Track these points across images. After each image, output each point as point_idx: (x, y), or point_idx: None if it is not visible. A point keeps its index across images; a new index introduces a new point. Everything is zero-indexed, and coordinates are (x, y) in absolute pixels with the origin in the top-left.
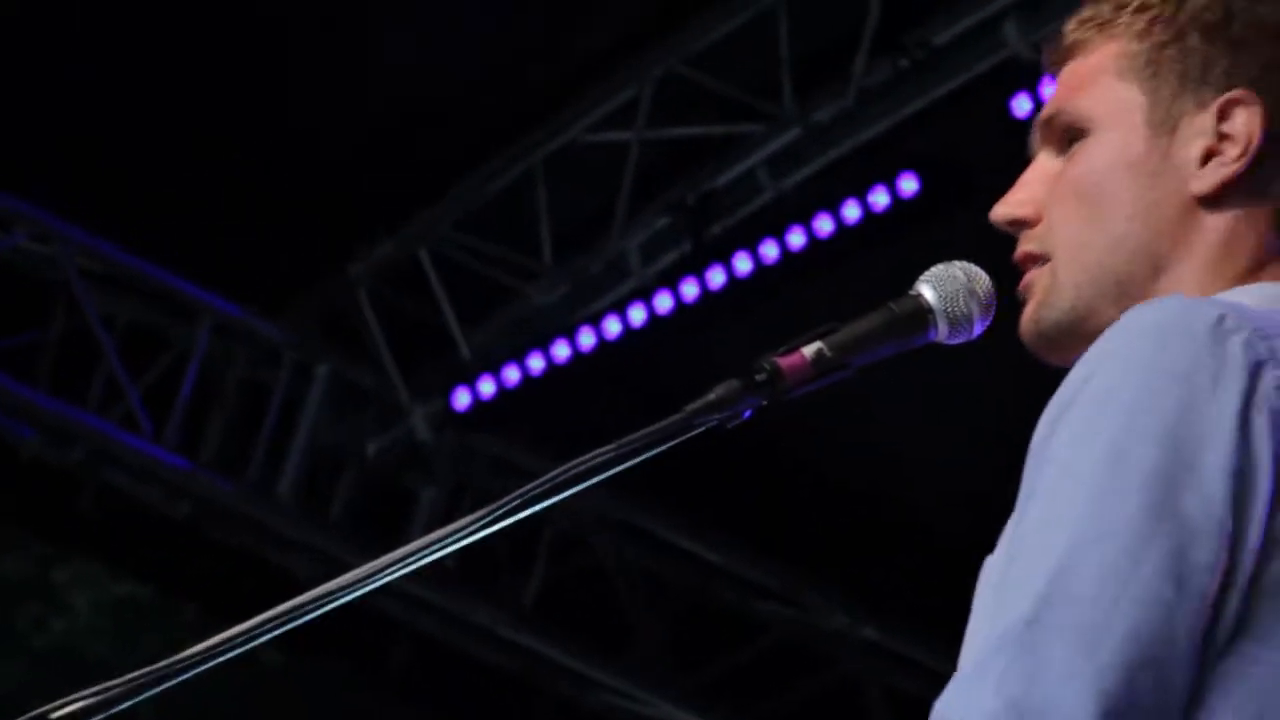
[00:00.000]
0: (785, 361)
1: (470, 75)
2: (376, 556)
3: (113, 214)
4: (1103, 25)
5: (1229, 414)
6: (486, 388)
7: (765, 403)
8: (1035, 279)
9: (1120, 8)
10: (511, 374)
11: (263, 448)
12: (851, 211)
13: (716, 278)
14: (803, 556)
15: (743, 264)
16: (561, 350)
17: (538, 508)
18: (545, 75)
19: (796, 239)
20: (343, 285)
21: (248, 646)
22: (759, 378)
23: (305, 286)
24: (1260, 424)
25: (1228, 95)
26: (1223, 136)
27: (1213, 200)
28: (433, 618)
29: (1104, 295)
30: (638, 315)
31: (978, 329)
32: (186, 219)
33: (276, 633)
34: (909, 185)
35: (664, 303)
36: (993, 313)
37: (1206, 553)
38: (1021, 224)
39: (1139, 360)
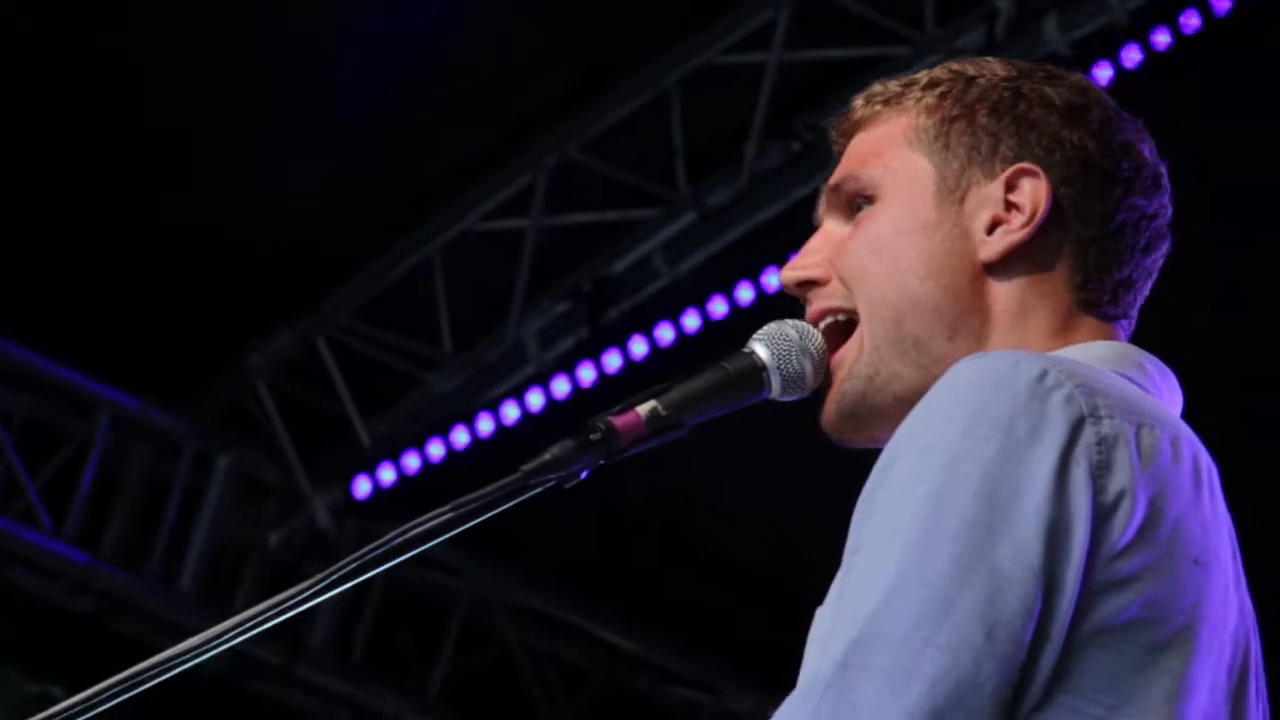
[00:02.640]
0: (620, 420)
1: (368, 164)
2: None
3: (7, 309)
4: (890, 100)
5: (1047, 466)
6: (387, 475)
7: (602, 461)
8: (843, 355)
9: (909, 85)
10: (412, 461)
11: (164, 539)
12: (745, 294)
13: (613, 361)
14: (713, 640)
15: (638, 347)
16: (461, 437)
17: (377, 570)
18: (441, 164)
19: (691, 322)
20: (242, 376)
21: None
22: (594, 437)
23: (205, 378)
24: (1078, 477)
25: (1015, 166)
26: (1010, 206)
27: (1000, 267)
28: (344, 710)
29: (902, 356)
30: (535, 400)
31: (810, 386)
32: (83, 312)
33: (120, 699)
34: None
35: (561, 387)
36: (825, 370)
37: (1019, 600)
38: (812, 284)
39: (961, 412)
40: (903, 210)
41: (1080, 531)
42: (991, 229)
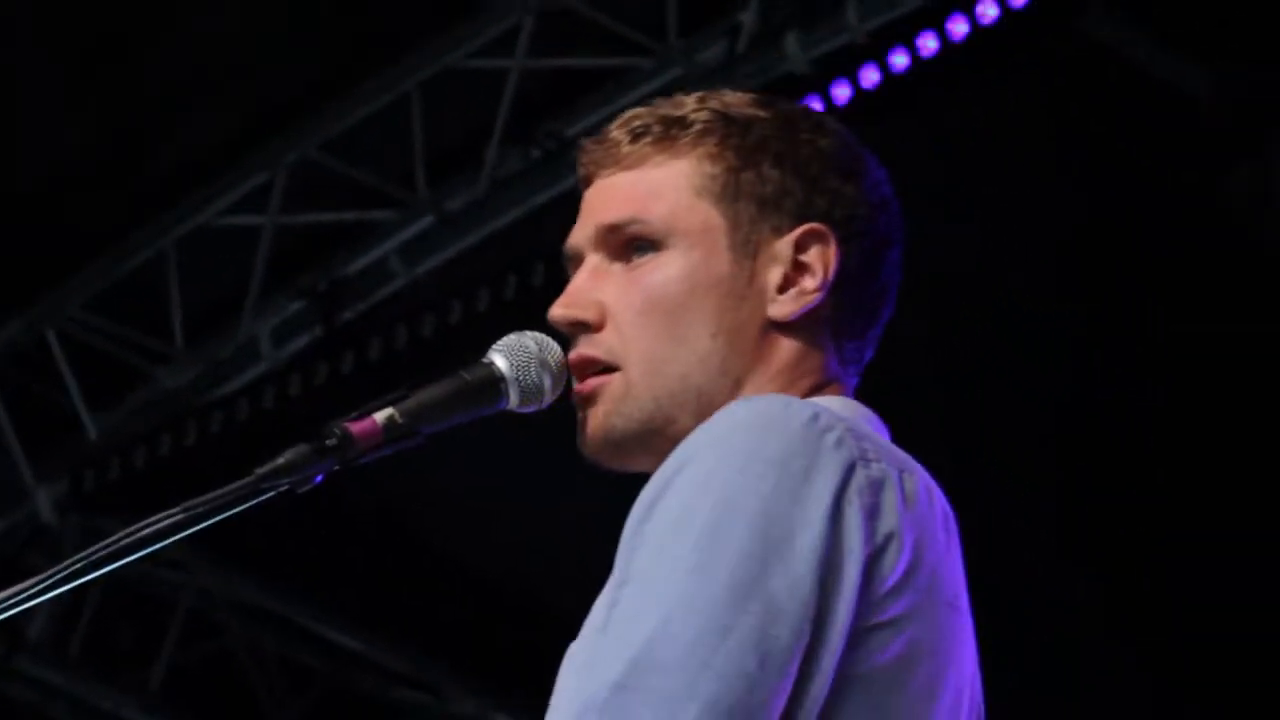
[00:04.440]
0: (356, 427)
1: (103, 154)
2: None
3: None
4: (659, 142)
5: (822, 503)
6: (114, 470)
7: (336, 467)
8: (602, 387)
9: (678, 126)
10: (140, 456)
11: None
12: (482, 299)
13: (347, 362)
14: (437, 642)
15: (373, 349)
16: (191, 432)
17: (104, 570)
18: (178, 157)
19: (427, 325)
20: None
21: None
22: (329, 442)
23: None
24: (851, 517)
25: (805, 227)
26: (800, 266)
27: (788, 325)
28: (60, 703)
29: (683, 407)
30: (268, 398)
31: (548, 399)
32: None
33: None
34: (538, 274)
35: (294, 386)
36: (564, 383)
37: (791, 632)
38: (584, 326)
39: (736, 449)
40: (695, 264)
41: (853, 570)
42: (784, 287)
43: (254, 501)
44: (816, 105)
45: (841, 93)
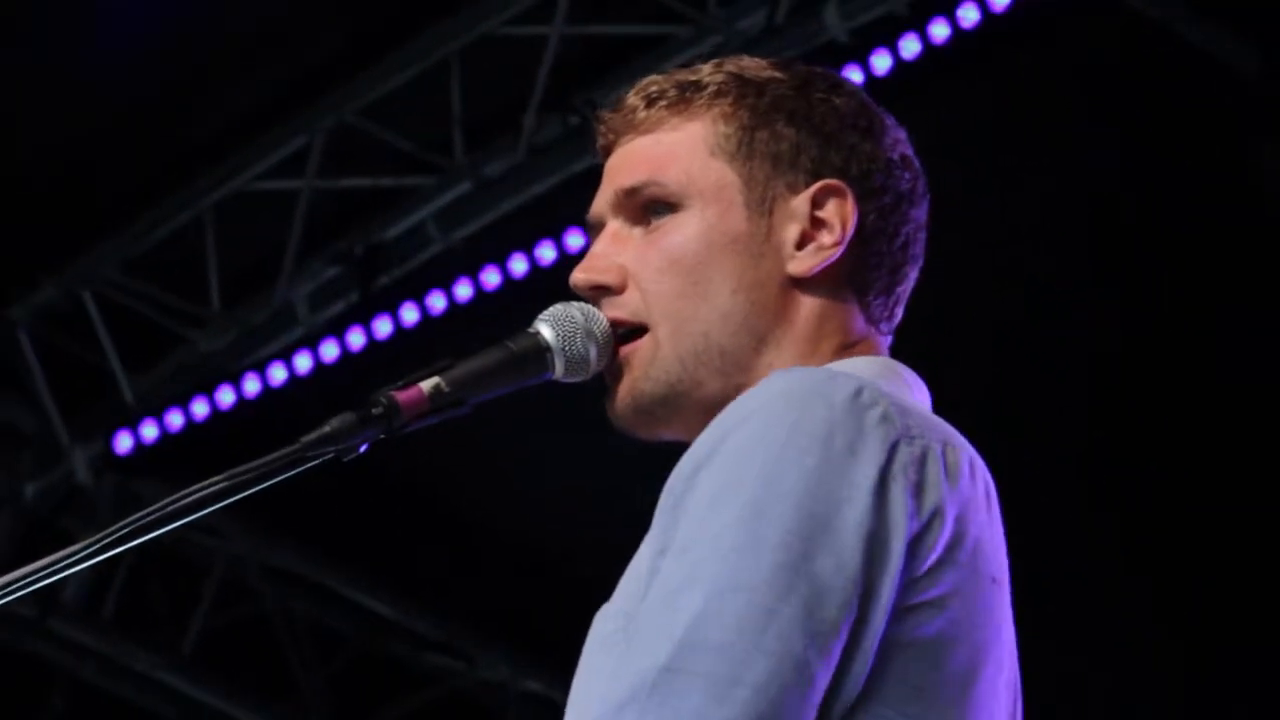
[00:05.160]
0: (402, 396)
1: (142, 118)
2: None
3: None
4: (673, 105)
5: (867, 480)
6: (149, 432)
7: (382, 436)
8: (634, 353)
9: (693, 89)
10: (175, 419)
11: None
12: (519, 265)
13: (383, 327)
14: (469, 609)
15: (410, 314)
16: (226, 396)
17: (149, 536)
18: (217, 121)
19: (464, 291)
20: (4, 326)
21: None
22: (375, 411)
23: None
24: (897, 493)
25: (822, 183)
26: (817, 222)
27: (808, 281)
28: (91, 663)
29: (708, 367)
30: (304, 363)
31: (594, 369)
32: None
33: None
34: (575, 241)
35: (330, 351)
36: (609, 353)
37: (838, 610)
38: (605, 290)
39: (779, 423)
40: (711, 222)
41: (898, 546)
42: (801, 244)
43: (299, 469)
44: (856, 75)
45: (881, 63)
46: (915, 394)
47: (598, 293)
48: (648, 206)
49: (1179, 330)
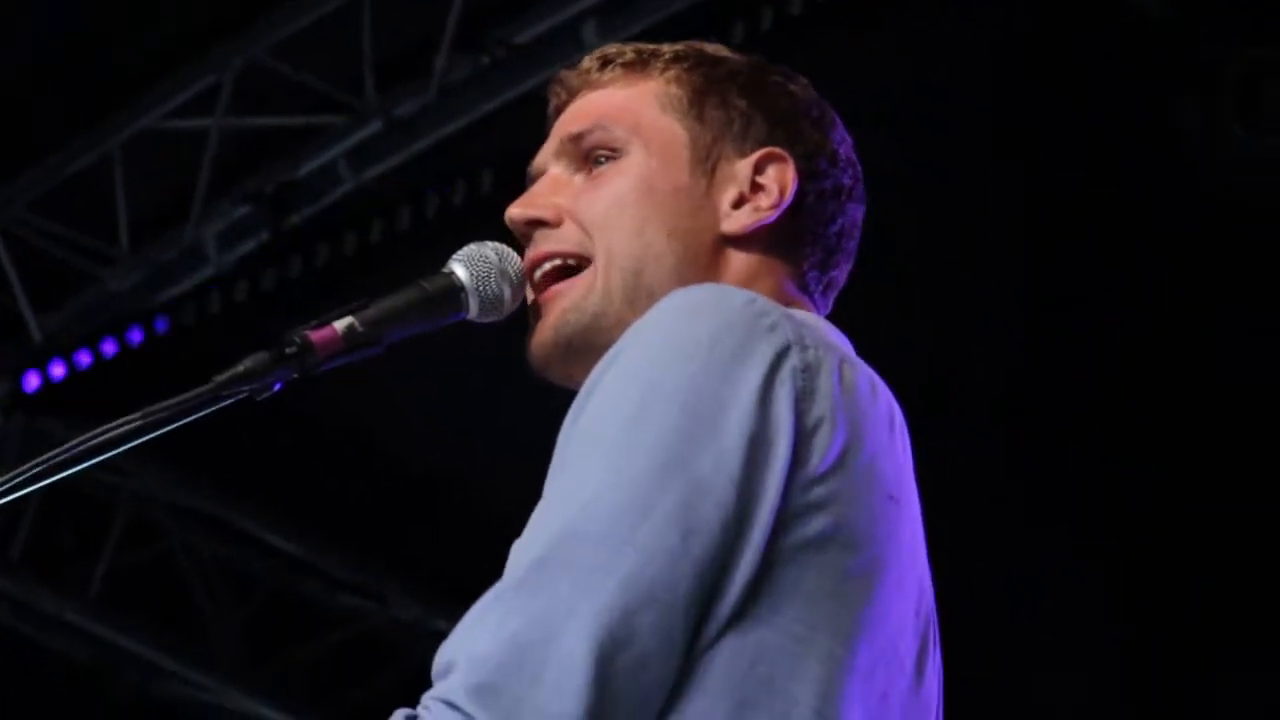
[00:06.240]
0: (316, 335)
1: (51, 56)
2: None
3: None
4: (630, 65)
5: (752, 383)
6: (58, 371)
7: (296, 375)
8: (569, 287)
9: (652, 55)
10: (84, 357)
11: None
12: (430, 205)
13: (294, 267)
14: (379, 548)
15: (320, 253)
16: (135, 335)
17: (63, 475)
18: (125, 59)
19: (376, 230)
20: None
21: None
22: (289, 350)
23: None
24: (782, 397)
25: (766, 150)
26: (756, 187)
27: (739, 241)
28: (0, 606)
29: (634, 307)
30: (214, 302)
31: (507, 309)
32: None
33: None
34: (487, 180)
35: (241, 290)
36: (523, 294)
37: (716, 508)
38: (540, 224)
39: (667, 332)
40: (655, 169)
41: (782, 448)
42: (738, 204)
43: (213, 408)
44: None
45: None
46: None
47: (532, 227)
48: (591, 154)
49: (1101, 293)
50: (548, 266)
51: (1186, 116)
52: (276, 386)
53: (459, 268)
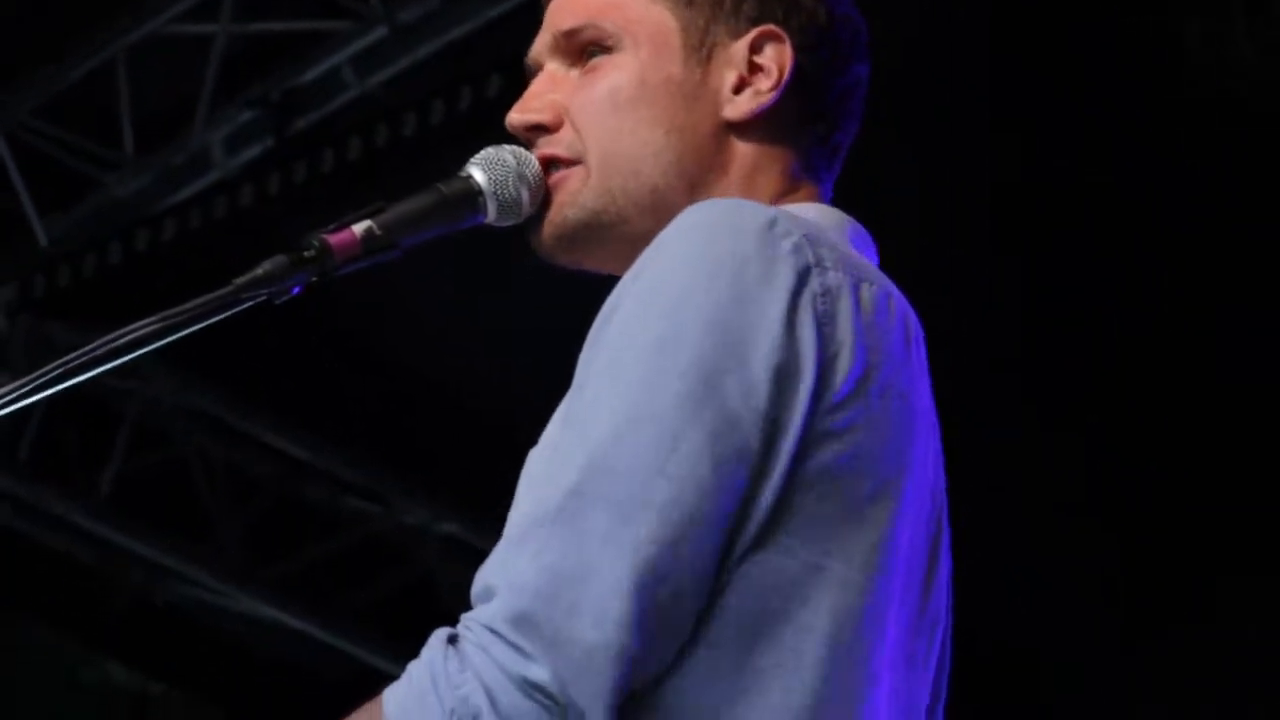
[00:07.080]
0: (334, 238)
1: None
2: None
3: None
4: None
5: (776, 309)
6: (63, 275)
7: (314, 279)
8: (566, 178)
9: None
10: (90, 263)
11: None
12: (436, 111)
13: (300, 172)
14: (387, 452)
15: (326, 159)
16: (141, 240)
17: (79, 379)
18: None
19: (381, 136)
20: None
21: None
22: (307, 254)
23: None
24: (806, 322)
25: (761, 29)
26: (755, 68)
27: (742, 127)
28: (6, 507)
29: (637, 204)
30: (220, 207)
31: (525, 213)
32: None
33: None
34: (493, 85)
35: (247, 195)
36: (541, 198)
37: (745, 439)
38: (541, 129)
39: (689, 254)
40: (647, 63)
41: (808, 376)
42: (738, 89)
43: (231, 311)
44: None
45: None
46: (857, 245)
47: (533, 133)
48: (584, 49)
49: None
50: (551, 171)
51: (1192, 41)
52: (295, 290)
53: (476, 171)
